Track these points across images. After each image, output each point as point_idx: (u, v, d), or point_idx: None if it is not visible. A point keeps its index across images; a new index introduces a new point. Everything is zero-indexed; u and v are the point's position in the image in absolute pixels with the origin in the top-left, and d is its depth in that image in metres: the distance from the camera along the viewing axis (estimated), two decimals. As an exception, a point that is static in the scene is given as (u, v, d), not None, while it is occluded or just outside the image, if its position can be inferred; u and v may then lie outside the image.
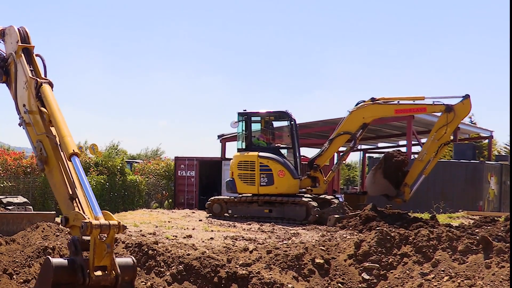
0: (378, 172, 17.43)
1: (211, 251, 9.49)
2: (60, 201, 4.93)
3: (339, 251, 8.57)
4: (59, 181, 4.96)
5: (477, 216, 20.28)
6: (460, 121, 16.90)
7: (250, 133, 19.07)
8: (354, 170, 66.80)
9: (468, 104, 16.84)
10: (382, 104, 17.98)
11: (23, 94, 5.50)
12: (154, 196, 31.84)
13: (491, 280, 7.09)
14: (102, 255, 4.23)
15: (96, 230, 4.18)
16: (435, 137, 16.95)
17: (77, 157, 4.79)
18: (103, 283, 4.30)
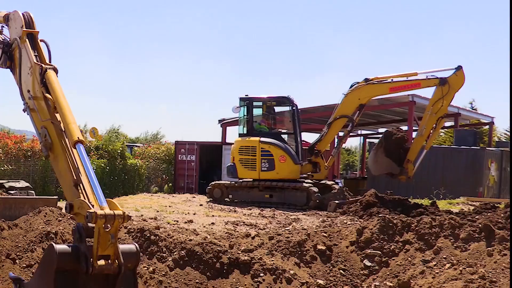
0: (380, 151, 17.30)
1: (213, 237, 9.50)
2: (65, 187, 4.91)
3: (341, 238, 8.58)
4: (64, 167, 4.94)
5: (477, 202, 20.31)
6: (455, 92, 16.80)
7: (251, 118, 19.06)
8: (354, 155, 66.88)
9: (461, 75, 16.82)
10: (376, 84, 17.96)
11: (28, 79, 5.47)
12: (154, 180, 31.88)
13: (493, 268, 7.10)
14: (106, 245, 4.22)
15: (101, 220, 4.15)
16: (432, 111, 16.91)
17: (82, 145, 4.77)
18: (106, 272, 4.28)
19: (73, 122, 4.86)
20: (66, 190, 4.86)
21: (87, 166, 4.64)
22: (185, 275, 7.57)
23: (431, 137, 17.36)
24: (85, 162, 4.66)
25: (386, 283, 7.69)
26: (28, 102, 5.40)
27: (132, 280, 4.53)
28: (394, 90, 18.03)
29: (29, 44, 5.55)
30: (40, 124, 5.19)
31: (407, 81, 17.60)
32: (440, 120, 17.06)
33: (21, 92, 5.55)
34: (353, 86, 18.18)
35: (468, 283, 6.87)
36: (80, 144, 4.75)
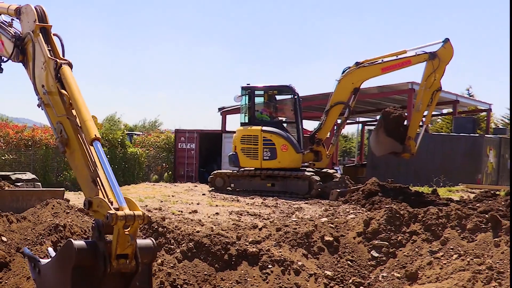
0: (380, 132, 17.18)
1: (219, 228, 9.51)
2: (83, 183, 4.86)
3: (348, 229, 8.58)
4: (81, 163, 4.89)
5: (477, 189, 20.36)
6: (446, 65, 16.81)
7: (253, 107, 19.06)
8: (351, 141, 66.92)
9: (449, 47, 16.84)
10: (367, 66, 17.96)
11: (41, 74, 5.40)
12: (154, 168, 31.87)
13: (500, 259, 7.10)
14: (125, 245, 4.21)
15: (121, 221, 4.14)
16: (426, 86, 16.92)
17: (99, 142, 4.73)
18: (124, 270, 4.29)
19: (89, 119, 4.81)
20: (84, 185, 4.81)
21: (105, 164, 4.60)
22: (194, 267, 7.56)
23: (429, 112, 17.38)
24: (103, 160, 4.61)
25: (394, 274, 7.69)
26: (43, 97, 5.34)
27: (146, 274, 4.53)
28: (386, 70, 17.99)
29: (43, 38, 5.49)
30: (56, 120, 5.14)
31: (398, 59, 17.63)
32: (435, 94, 17.01)
33: (35, 87, 5.49)
34: (345, 71, 18.21)
35: (476, 274, 6.87)
36: (97, 142, 4.71)
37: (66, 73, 5.13)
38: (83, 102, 4.94)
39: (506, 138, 29.09)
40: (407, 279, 7.53)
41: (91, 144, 4.74)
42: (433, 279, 7.23)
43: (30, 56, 5.61)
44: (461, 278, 6.90)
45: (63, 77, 5.12)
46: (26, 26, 5.72)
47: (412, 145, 17.06)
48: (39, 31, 5.52)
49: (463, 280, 6.83)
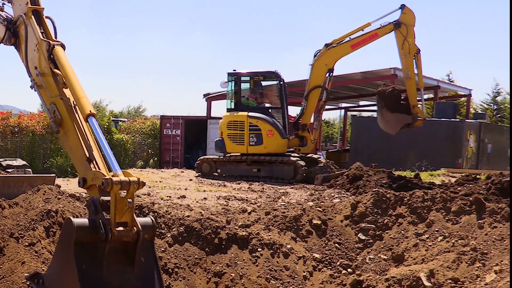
0: (384, 111, 17.12)
1: (208, 212, 9.54)
2: (77, 163, 4.87)
3: (336, 212, 8.63)
4: (75, 143, 4.89)
5: (458, 173, 20.54)
6: (413, 28, 16.97)
7: (239, 93, 19.06)
8: (333, 127, 67.04)
9: (409, 11, 17.08)
10: (337, 46, 18.09)
11: (34, 56, 5.39)
12: (139, 155, 31.77)
13: (484, 240, 7.19)
14: (123, 211, 4.20)
15: (117, 186, 4.14)
16: (404, 53, 17.03)
17: (94, 118, 4.74)
18: (125, 239, 4.26)
19: (84, 96, 4.82)
20: (78, 164, 4.82)
21: (100, 138, 4.62)
22: (184, 251, 7.59)
23: (419, 75, 17.35)
24: (98, 134, 4.63)
25: (380, 256, 7.77)
26: (36, 79, 5.33)
27: (151, 250, 4.52)
28: (355, 46, 18.11)
29: (35, 21, 5.47)
30: (49, 101, 5.14)
31: (365, 34, 17.79)
32: (417, 56, 17.08)
33: (27, 69, 5.48)
34: (316, 55, 18.30)
35: (460, 255, 6.96)
36: (92, 117, 4.72)
37: (59, 54, 5.14)
38: (77, 80, 4.95)
39: (485, 123, 29.37)
40: (394, 261, 7.60)
41: (86, 120, 4.76)
42: (419, 260, 7.30)
43: (22, 39, 5.60)
44: (446, 259, 6.98)
45: (56, 58, 5.13)
46: (18, 9, 5.70)
47: (419, 111, 17.03)
48: (31, 13, 5.51)
49: (448, 261, 6.92)
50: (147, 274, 4.48)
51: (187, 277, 7.22)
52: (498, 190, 13.70)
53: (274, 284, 7.22)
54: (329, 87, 19.10)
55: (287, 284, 7.30)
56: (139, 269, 4.41)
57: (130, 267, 4.37)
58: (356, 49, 18.17)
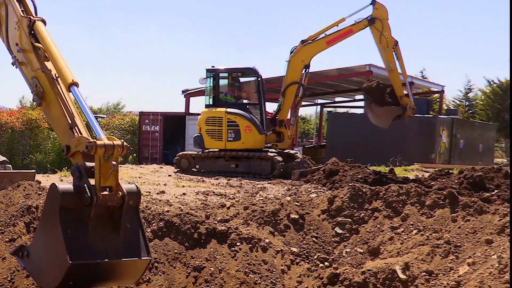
0: (373, 106, 17.08)
1: (187, 207, 9.50)
2: (60, 133, 4.85)
3: (313, 207, 8.65)
4: (57, 114, 4.87)
5: (431, 168, 20.73)
6: (388, 21, 17.05)
7: (218, 89, 19.04)
8: (309, 123, 67.26)
9: (380, 6, 17.20)
10: (312, 42, 18.13)
11: (15, 34, 5.37)
12: (119, 150, 31.60)
13: (457, 233, 7.26)
14: (108, 174, 4.19)
15: (101, 149, 4.14)
16: (383, 47, 17.08)
17: (76, 87, 4.73)
18: (110, 203, 4.24)
19: (65, 67, 4.83)
20: (61, 134, 4.82)
21: (83, 105, 4.63)
22: (164, 246, 7.57)
23: (401, 66, 17.32)
24: (81, 102, 4.65)
25: (357, 249, 7.80)
26: (17, 55, 5.32)
27: (136, 216, 4.51)
28: (331, 42, 18.15)
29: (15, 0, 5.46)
30: (31, 75, 5.14)
31: (340, 31, 17.86)
32: (395, 48, 17.14)
33: (8, 47, 5.47)
34: (293, 51, 18.35)
35: (434, 248, 7.02)
36: (75, 86, 4.72)
37: (39, 28, 5.16)
38: (59, 52, 4.97)
39: (457, 119, 29.67)
40: (370, 254, 7.64)
41: (68, 89, 4.75)
42: (394, 253, 7.35)
43: (3, 20, 5.58)
44: (420, 252, 7.04)
45: (37, 32, 5.15)
46: None
47: (407, 101, 17.03)
48: None
49: (423, 254, 6.98)
50: (133, 239, 4.45)
51: (167, 272, 7.20)
52: (470, 185, 13.86)
53: (252, 278, 7.23)
54: (305, 83, 19.16)
55: (265, 277, 7.31)
56: (125, 234, 4.39)
57: (116, 232, 4.36)
58: (332, 45, 18.23)
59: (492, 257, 6.20)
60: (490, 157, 33.28)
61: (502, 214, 7.19)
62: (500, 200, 12.35)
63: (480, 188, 13.63)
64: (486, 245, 6.67)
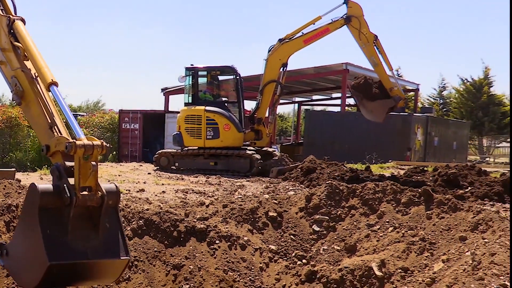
0: (365, 102, 17.00)
1: (166, 205, 9.47)
2: (40, 132, 4.81)
3: (291, 204, 8.66)
4: (37, 113, 4.82)
5: (406, 166, 20.88)
6: (363, 17, 17.12)
7: (197, 88, 18.99)
8: (287, 121, 67.36)
9: (354, 4, 17.31)
10: (290, 41, 18.17)
11: None
12: (99, 148, 31.41)
13: (432, 230, 7.31)
14: (87, 174, 4.16)
15: (81, 149, 4.10)
16: (363, 43, 17.12)
17: (56, 86, 4.68)
18: (90, 203, 4.20)
19: (45, 66, 4.79)
20: (41, 133, 4.77)
21: (63, 105, 4.58)
22: (144, 244, 7.53)
23: (385, 59, 17.31)
24: (61, 102, 4.60)
25: (334, 246, 7.82)
26: None
27: (115, 216, 4.47)
28: (308, 41, 18.19)
29: None
30: (10, 74, 5.08)
31: (317, 29, 17.89)
32: (376, 42, 17.16)
33: None
34: (270, 50, 18.37)
35: (410, 245, 7.07)
36: (54, 86, 4.68)
37: (19, 27, 5.11)
38: (38, 51, 4.92)
39: (432, 117, 29.90)
40: (346, 251, 7.66)
41: (48, 89, 4.71)
42: (371, 251, 7.39)
43: None
44: (396, 249, 7.08)
45: (16, 32, 5.10)
46: None
47: (397, 92, 17.01)
48: None
49: (398, 251, 7.02)
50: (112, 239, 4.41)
51: (146, 270, 7.17)
52: (444, 182, 13.98)
53: (231, 275, 7.22)
54: (283, 82, 19.18)
55: (244, 275, 7.31)
56: (104, 234, 4.35)
57: (95, 232, 4.32)
58: (309, 44, 18.26)
59: (466, 254, 6.25)
60: (463, 155, 33.59)
61: (476, 212, 7.25)
62: (473, 197, 12.48)
63: (454, 185, 13.75)
64: (460, 242, 6.73)
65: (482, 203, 11.84)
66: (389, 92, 16.92)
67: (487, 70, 51.86)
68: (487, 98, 50.20)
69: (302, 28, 18.03)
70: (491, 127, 49.66)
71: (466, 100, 51.15)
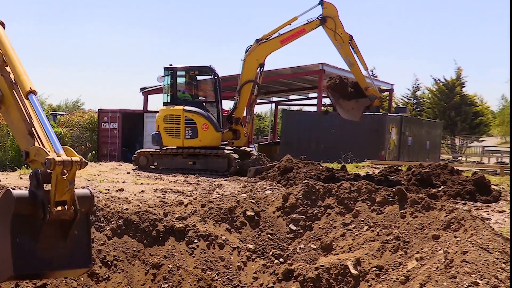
0: (341, 102, 16.91)
1: (145, 205, 9.42)
2: (19, 137, 4.72)
3: (268, 204, 8.66)
4: (17, 117, 4.73)
5: (381, 165, 20.99)
6: (338, 18, 17.20)
7: (175, 87, 18.93)
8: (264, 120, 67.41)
9: (329, 4, 17.38)
10: (266, 41, 18.20)
11: None
12: (78, 148, 31.12)
13: (406, 229, 7.35)
14: (64, 191, 4.08)
15: (59, 166, 4.01)
16: (339, 44, 17.18)
17: (34, 95, 4.59)
18: (63, 217, 4.14)
19: (24, 74, 4.67)
20: (20, 139, 4.68)
21: (41, 115, 4.48)
22: (123, 244, 7.48)
23: (360, 59, 17.35)
24: (39, 111, 4.49)
25: (310, 245, 7.84)
26: None
27: (85, 223, 4.40)
28: (284, 41, 18.23)
29: None
30: None
31: (293, 30, 17.94)
32: (352, 42, 17.22)
33: None
34: (248, 50, 18.38)
35: (384, 244, 7.10)
36: (33, 95, 4.59)
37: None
38: (17, 58, 4.81)
39: (406, 117, 30.10)
40: (323, 250, 7.68)
41: (26, 97, 4.63)
42: (346, 249, 7.41)
43: None
44: (371, 248, 7.11)
45: None
46: None
47: (373, 91, 17.03)
48: None
49: (373, 249, 7.05)
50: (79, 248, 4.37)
51: (126, 269, 7.12)
52: (418, 181, 14.11)
53: (210, 274, 7.20)
54: (260, 82, 19.20)
55: (222, 274, 7.30)
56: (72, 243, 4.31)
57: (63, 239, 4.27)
58: (286, 44, 18.30)
59: (438, 252, 6.30)
60: (436, 154, 33.88)
61: (448, 211, 7.31)
62: (446, 196, 12.62)
63: (427, 184, 13.88)
64: (433, 240, 6.78)
65: (454, 201, 11.99)
66: (365, 92, 17.01)
67: (460, 71, 52.42)
68: (459, 98, 50.70)
69: (278, 29, 18.06)
70: (463, 126, 50.21)
71: (439, 100, 51.62)
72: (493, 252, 5.77)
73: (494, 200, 12.52)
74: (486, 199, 12.45)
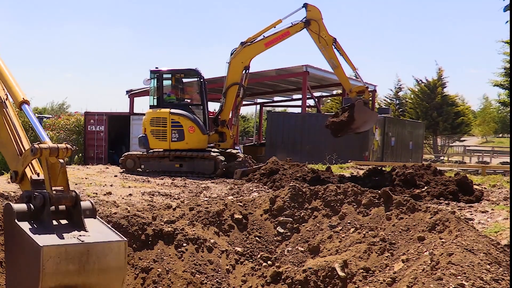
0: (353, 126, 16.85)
1: (134, 208, 9.39)
2: (9, 158, 4.69)
3: (256, 207, 8.66)
4: (7, 138, 4.70)
5: (365, 166, 21.07)
6: (322, 21, 17.28)
7: (161, 90, 18.89)
8: (249, 121, 67.48)
9: (312, 7, 17.50)
10: (251, 44, 18.25)
11: None
12: (64, 150, 31.00)
13: (391, 231, 7.38)
14: (57, 174, 4.09)
15: (46, 151, 4.05)
16: (323, 46, 17.26)
17: (27, 105, 4.59)
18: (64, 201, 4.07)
19: (16, 85, 4.68)
20: (10, 159, 4.67)
21: (34, 123, 4.48)
22: (112, 248, 7.45)
23: (347, 60, 17.39)
24: (32, 120, 4.50)
25: (298, 248, 7.85)
26: None
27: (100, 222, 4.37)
28: (269, 44, 18.30)
29: None
30: None
31: (277, 33, 18.03)
32: (336, 45, 17.29)
33: None
34: (233, 53, 18.42)
35: (371, 246, 7.12)
36: (26, 105, 4.58)
37: None
38: (7, 69, 4.80)
39: (389, 117, 30.26)
40: (310, 252, 7.69)
41: (19, 107, 4.62)
42: (333, 251, 7.43)
43: None
44: (358, 250, 7.13)
45: None
46: None
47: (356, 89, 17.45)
48: None
49: (360, 251, 7.07)
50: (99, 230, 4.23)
51: (115, 274, 7.08)
52: (402, 182, 14.19)
53: (199, 277, 7.19)
54: (246, 84, 19.23)
55: (211, 277, 7.28)
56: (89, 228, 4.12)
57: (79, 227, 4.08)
58: (270, 47, 18.36)
59: (424, 254, 6.33)
60: (419, 154, 34.07)
61: (433, 212, 7.35)
62: (429, 196, 12.69)
63: (411, 184, 13.96)
64: (418, 242, 6.81)
65: (437, 202, 12.05)
66: (349, 93, 17.15)
67: (441, 72, 52.78)
68: (441, 99, 51.05)
69: (263, 32, 18.10)
70: (445, 126, 50.57)
71: (421, 100, 51.95)
72: (478, 253, 5.82)
73: (477, 200, 12.61)
74: (469, 199, 12.53)
